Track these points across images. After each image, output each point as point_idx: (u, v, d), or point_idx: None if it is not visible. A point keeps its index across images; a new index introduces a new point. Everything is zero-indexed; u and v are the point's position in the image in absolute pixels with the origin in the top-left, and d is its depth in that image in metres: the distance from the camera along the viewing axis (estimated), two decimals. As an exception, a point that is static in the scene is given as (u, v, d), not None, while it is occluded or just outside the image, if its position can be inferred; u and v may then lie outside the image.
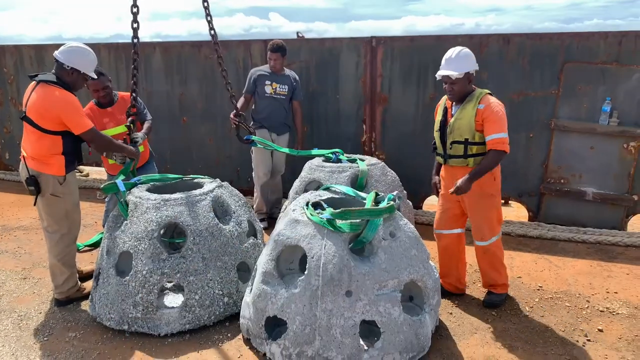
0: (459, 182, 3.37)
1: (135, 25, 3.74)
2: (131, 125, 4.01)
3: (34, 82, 3.49)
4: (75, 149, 3.60)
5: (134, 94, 3.97)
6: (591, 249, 4.73)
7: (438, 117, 3.66)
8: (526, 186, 5.28)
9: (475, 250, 3.68)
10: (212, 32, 4.12)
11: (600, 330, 3.37)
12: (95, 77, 3.75)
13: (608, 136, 4.84)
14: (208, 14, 4.03)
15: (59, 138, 3.46)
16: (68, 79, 3.51)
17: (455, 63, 3.38)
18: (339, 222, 2.91)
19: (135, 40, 3.81)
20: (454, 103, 3.55)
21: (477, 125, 3.39)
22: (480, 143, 3.43)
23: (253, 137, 4.70)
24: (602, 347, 3.19)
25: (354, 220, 2.92)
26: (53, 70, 3.53)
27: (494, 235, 3.58)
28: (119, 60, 6.57)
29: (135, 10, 3.69)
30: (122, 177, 3.76)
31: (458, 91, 3.43)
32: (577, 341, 3.25)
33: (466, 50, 3.42)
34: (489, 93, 3.45)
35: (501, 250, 3.65)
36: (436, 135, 3.65)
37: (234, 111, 4.61)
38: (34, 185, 3.48)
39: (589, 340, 3.26)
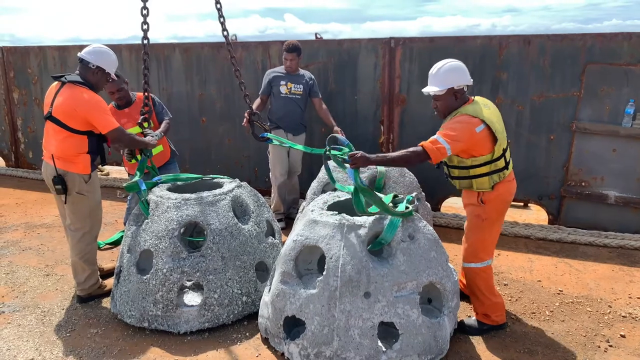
0: (360, 154, 3.04)
1: (145, 26, 3.82)
2: (143, 123, 4.07)
3: (58, 82, 3.57)
4: (98, 148, 3.68)
5: (146, 93, 4.05)
6: (613, 253, 4.65)
7: None
8: (546, 189, 5.21)
9: None
10: (225, 32, 4.17)
11: (623, 336, 3.32)
12: (116, 77, 3.85)
13: (631, 139, 4.75)
14: (221, 15, 4.08)
15: (84, 137, 3.54)
16: (92, 79, 3.59)
17: (438, 79, 3.11)
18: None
19: (145, 42, 3.89)
20: None
21: None
22: (460, 167, 3.17)
23: (268, 135, 4.72)
24: (625, 353, 3.14)
25: (370, 203, 3.01)
26: (77, 71, 3.61)
27: (475, 261, 3.29)
28: (140, 60, 6.61)
29: (145, 12, 3.77)
30: (139, 175, 3.81)
31: (441, 108, 3.18)
32: (599, 347, 3.20)
33: (452, 64, 3.12)
34: (466, 114, 3.05)
35: (483, 280, 3.31)
36: None
37: (248, 110, 4.64)
38: (60, 184, 3.55)
39: (610, 346, 3.21)
